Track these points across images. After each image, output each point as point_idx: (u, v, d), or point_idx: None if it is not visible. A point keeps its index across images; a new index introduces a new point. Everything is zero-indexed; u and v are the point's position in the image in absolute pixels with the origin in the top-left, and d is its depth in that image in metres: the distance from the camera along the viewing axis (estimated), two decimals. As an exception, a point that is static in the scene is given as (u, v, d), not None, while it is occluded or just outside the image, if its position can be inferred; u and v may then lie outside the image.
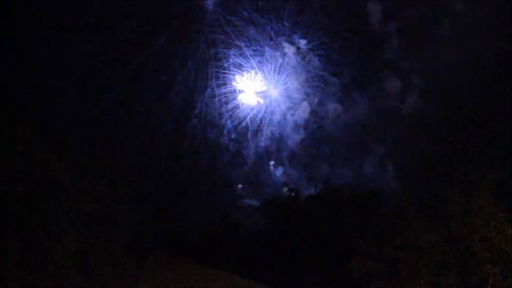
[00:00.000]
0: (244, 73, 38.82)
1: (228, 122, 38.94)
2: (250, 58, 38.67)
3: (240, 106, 38.89)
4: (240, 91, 39.03)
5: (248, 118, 39.06)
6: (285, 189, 34.26)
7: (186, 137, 37.88)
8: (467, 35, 34.68)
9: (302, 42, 39.06)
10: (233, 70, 38.71)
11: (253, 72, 38.74)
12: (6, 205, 23.30)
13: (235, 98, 39.08)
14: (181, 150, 37.53)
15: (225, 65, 38.47)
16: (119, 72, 36.00)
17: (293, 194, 33.16)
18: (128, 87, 36.41)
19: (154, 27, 36.95)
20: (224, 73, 38.65)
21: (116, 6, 36.09)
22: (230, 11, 37.65)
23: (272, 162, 38.52)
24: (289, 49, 39.14)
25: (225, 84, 38.93)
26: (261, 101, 38.38)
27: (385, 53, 38.29)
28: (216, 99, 38.81)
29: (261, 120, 39.11)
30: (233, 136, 39.00)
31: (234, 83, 38.94)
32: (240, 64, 38.71)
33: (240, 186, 38.26)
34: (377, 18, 38.53)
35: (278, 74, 39.28)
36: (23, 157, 23.89)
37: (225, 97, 39.20)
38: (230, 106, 38.93)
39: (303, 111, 39.32)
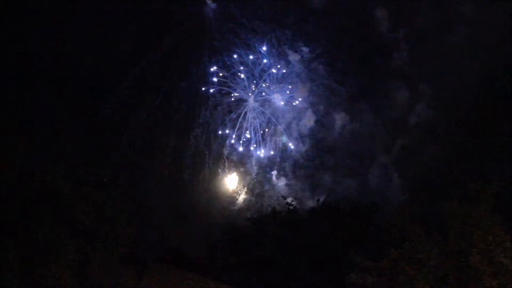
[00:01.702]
0: (247, 81, 39.62)
1: (231, 132, 39.64)
2: (253, 66, 39.47)
3: (244, 115, 39.67)
4: (244, 100, 39.87)
5: (251, 127, 39.78)
6: (286, 200, 34.97)
7: (188, 146, 38.66)
8: (476, 43, 35.20)
9: (306, 50, 39.72)
10: (236, 79, 39.50)
11: (256, 80, 39.58)
12: (6, 216, 24.17)
13: (238, 107, 39.84)
14: (182, 160, 38.30)
15: (228, 74, 39.29)
16: (120, 81, 36.86)
17: (293, 206, 33.89)
18: (129, 97, 37.28)
19: (156, 35, 37.78)
20: (227, 82, 39.46)
21: (118, 15, 37.01)
22: (231, 19, 38.50)
23: (274, 172, 39.28)
24: (293, 57, 39.84)
25: (228, 93, 39.73)
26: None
27: (392, 61, 38.95)
28: (219, 108, 39.56)
29: (264, 129, 39.86)
30: (236, 145, 39.73)
31: (237, 92, 39.78)
32: (243, 73, 39.49)
33: (241, 196, 39.06)
34: (383, 25, 39.19)
35: (282, 82, 40.03)
36: (23, 167, 24.86)
37: (228, 106, 39.95)
38: (233, 115, 39.66)
39: (307, 121, 40.00)
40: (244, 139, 39.54)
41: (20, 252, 23.69)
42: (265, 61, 39.31)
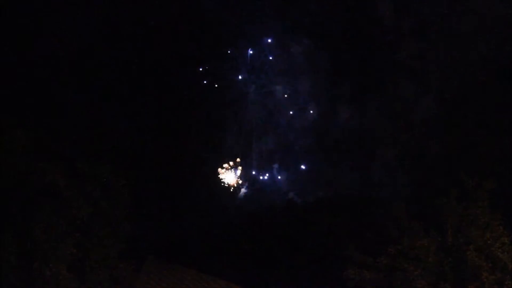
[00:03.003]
0: (248, 74, 40.28)
1: (233, 124, 40.36)
2: (254, 58, 40.10)
3: (245, 107, 40.40)
4: (245, 93, 40.59)
5: (253, 120, 40.54)
6: (285, 195, 35.74)
7: (187, 140, 39.39)
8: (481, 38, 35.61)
9: (309, 42, 40.34)
10: (237, 71, 40.20)
11: (257, 73, 40.23)
12: (3, 210, 25.03)
13: (239, 100, 40.55)
14: (181, 154, 39.02)
15: (228, 66, 39.95)
16: (118, 75, 37.59)
17: (293, 201, 34.67)
18: (127, 90, 38.00)
19: (155, 26, 38.45)
20: (227, 74, 40.14)
21: (118, 6, 37.69)
22: (231, 9, 39.03)
23: (276, 166, 40.03)
24: (295, 49, 40.45)
25: (229, 86, 40.43)
26: None
27: (396, 54, 39.39)
28: (220, 101, 40.27)
29: (265, 122, 40.60)
30: (237, 139, 40.46)
31: (238, 85, 40.49)
32: (243, 65, 40.17)
33: (242, 191, 39.85)
34: (388, 17, 39.65)
35: (284, 75, 40.67)
36: (20, 162, 25.62)
37: (229, 98, 40.66)
38: (235, 107, 40.38)
39: (309, 114, 40.66)
40: (245, 133, 40.25)
41: (18, 247, 24.24)
42: (266, 54, 39.98)
